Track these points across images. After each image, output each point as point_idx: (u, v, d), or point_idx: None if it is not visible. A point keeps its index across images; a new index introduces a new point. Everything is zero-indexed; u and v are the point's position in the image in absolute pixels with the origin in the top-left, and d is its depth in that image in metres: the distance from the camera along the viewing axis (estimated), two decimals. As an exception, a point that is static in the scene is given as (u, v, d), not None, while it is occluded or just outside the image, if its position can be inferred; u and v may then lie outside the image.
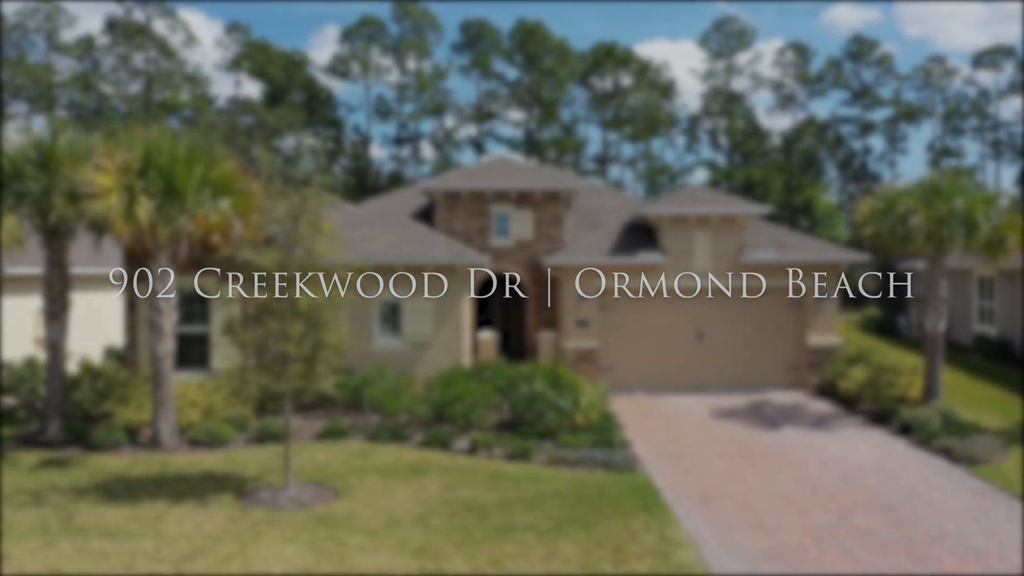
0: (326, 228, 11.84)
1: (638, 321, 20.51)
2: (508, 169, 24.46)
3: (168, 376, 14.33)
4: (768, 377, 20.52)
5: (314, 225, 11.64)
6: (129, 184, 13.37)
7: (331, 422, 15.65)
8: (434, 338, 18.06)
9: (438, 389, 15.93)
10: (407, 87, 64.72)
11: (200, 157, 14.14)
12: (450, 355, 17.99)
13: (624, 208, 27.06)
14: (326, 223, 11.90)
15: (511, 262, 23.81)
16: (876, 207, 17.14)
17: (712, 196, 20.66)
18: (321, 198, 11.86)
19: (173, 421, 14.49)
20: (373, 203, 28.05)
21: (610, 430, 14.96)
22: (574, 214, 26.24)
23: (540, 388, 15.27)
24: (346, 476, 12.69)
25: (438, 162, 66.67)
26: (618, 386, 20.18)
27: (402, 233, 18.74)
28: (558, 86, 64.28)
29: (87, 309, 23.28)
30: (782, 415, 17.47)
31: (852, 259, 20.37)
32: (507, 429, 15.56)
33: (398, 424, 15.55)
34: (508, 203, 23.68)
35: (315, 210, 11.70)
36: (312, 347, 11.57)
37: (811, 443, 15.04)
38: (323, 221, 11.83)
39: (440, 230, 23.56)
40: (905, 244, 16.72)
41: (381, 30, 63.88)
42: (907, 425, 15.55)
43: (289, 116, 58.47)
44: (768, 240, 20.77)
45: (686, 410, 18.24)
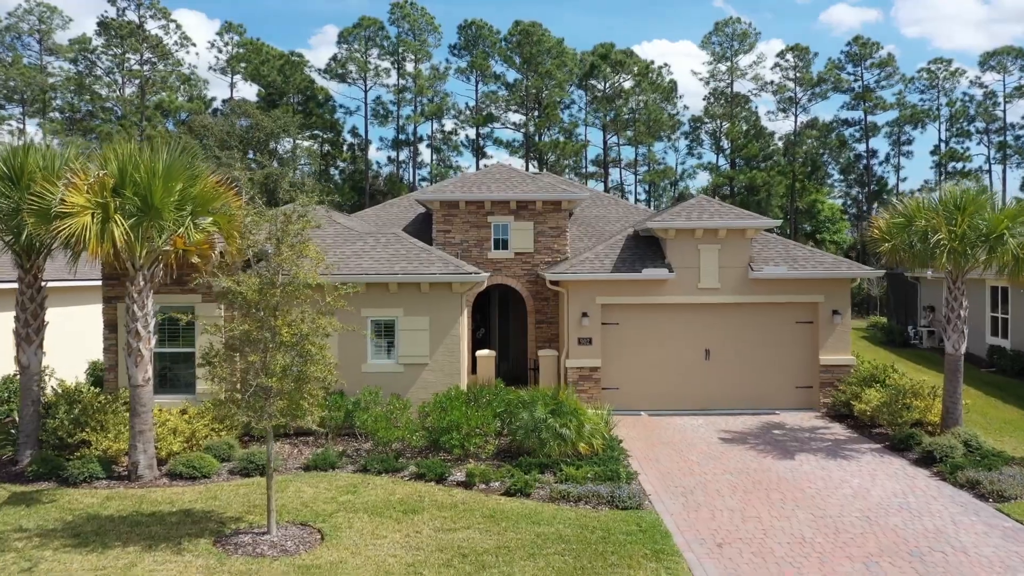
0: (311, 252, 11.01)
1: (643, 338, 19.69)
2: (508, 178, 23.64)
3: (147, 405, 13.49)
4: (778, 397, 19.70)
5: (298, 249, 10.80)
6: (103, 202, 12.55)
7: (320, 451, 14.82)
8: (430, 359, 17.22)
9: (433, 415, 15.11)
10: (405, 89, 63.88)
11: (180, 172, 13.30)
12: (446, 377, 17.16)
13: (627, 217, 26.25)
14: (311, 246, 11.07)
15: (511, 275, 23.01)
16: (894, 222, 16.31)
17: (719, 208, 19.85)
18: (306, 219, 11.02)
19: (152, 453, 13.65)
20: (369, 212, 27.24)
21: (615, 460, 14.14)
22: (576, 223, 25.42)
23: (541, 415, 14.44)
24: (334, 515, 11.86)
25: (436, 165, 65.91)
26: (622, 406, 19.37)
27: (396, 248, 17.91)
28: (557, 88, 63.45)
29: (73, 321, 22.46)
30: (795, 441, 16.64)
31: (865, 273, 19.55)
32: (506, 457, 14.75)
33: (391, 453, 14.72)
34: (507, 213, 22.89)
35: (299, 232, 10.86)
36: (296, 380, 10.73)
37: (828, 474, 14.20)
38: (308, 244, 10.99)
39: (437, 242, 22.79)
40: (925, 261, 15.90)
41: (379, 32, 63.05)
42: (928, 454, 14.73)
43: (286, 119, 57.64)
44: (778, 253, 19.95)
45: (694, 433, 17.42)
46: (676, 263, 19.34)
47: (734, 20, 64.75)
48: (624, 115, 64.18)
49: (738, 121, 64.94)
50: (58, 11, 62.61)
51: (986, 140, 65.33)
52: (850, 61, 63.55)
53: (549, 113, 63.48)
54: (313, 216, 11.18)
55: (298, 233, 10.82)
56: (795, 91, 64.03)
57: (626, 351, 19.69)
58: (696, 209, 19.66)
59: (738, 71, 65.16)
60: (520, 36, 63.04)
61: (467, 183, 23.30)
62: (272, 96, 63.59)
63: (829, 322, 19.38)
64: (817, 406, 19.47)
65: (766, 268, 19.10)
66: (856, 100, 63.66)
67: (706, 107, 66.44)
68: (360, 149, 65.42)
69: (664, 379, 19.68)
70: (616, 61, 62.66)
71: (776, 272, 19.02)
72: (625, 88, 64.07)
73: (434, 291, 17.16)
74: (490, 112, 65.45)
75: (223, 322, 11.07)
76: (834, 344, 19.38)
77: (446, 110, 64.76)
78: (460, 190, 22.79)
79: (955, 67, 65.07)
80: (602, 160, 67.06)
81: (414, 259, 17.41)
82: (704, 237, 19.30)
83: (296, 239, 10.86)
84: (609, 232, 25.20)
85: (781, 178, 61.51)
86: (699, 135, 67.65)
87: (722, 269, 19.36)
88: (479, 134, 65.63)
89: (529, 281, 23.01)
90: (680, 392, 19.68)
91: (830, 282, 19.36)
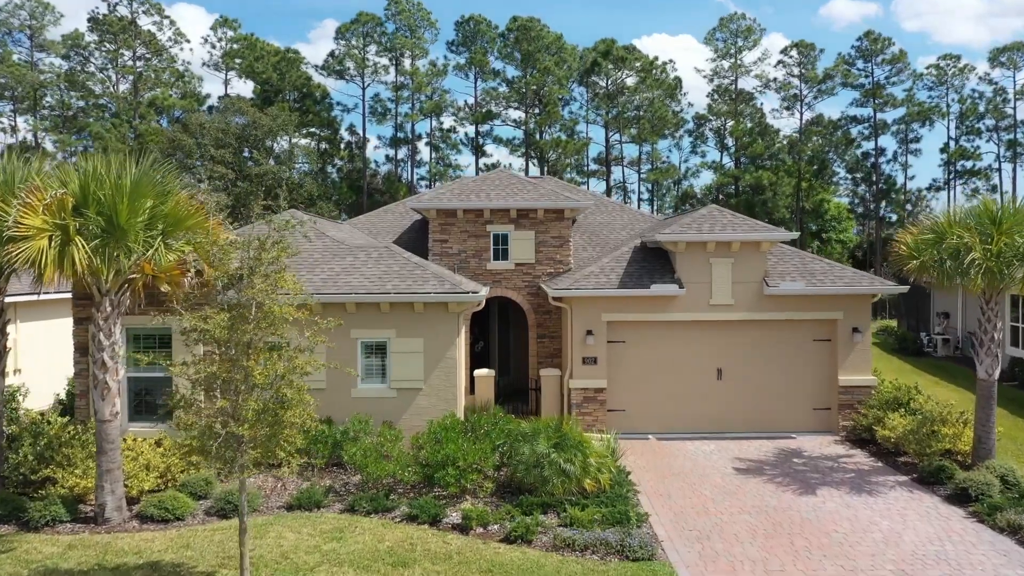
0: (288, 283, 9.87)
1: (651, 358, 18.57)
2: (508, 184, 22.52)
3: (115, 442, 12.39)
4: (795, 419, 18.59)
5: (273, 280, 9.67)
6: (63, 224, 11.42)
7: (305, 487, 13.72)
8: (424, 383, 16.11)
9: (428, 448, 13.99)
10: (403, 87, 62.63)
11: (149, 188, 12.19)
12: (442, 402, 16.05)
13: (633, 224, 25.14)
14: (288, 277, 9.93)
15: (511, 287, 21.90)
16: (922, 238, 15.18)
17: (732, 219, 18.70)
18: (282, 246, 9.89)
19: (120, 493, 12.55)
20: (363, 219, 26.13)
21: (624, 499, 13.03)
22: (579, 231, 24.31)
23: (543, 449, 13.34)
24: (316, 570, 10.76)
25: (435, 164, 64.72)
26: (629, 430, 18.29)
27: (389, 264, 16.78)
28: (557, 85, 62.20)
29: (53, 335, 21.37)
30: (816, 472, 15.52)
31: (888, 289, 18.43)
32: (506, 492, 13.67)
33: (381, 490, 13.61)
34: (508, 222, 21.78)
35: (275, 260, 9.73)
36: (271, 426, 9.61)
37: (855, 514, 13.09)
38: (284, 274, 9.86)
39: (434, 252, 21.70)
40: (956, 280, 14.77)
41: (377, 28, 61.76)
42: (962, 491, 13.61)
43: (283, 117, 56.40)
44: (794, 267, 18.82)
45: (706, 462, 16.32)
46: (686, 278, 18.21)
47: (738, 16, 63.51)
48: (627, 112, 62.92)
49: (743, 119, 63.71)
50: (50, 7, 61.38)
51: (995, 138, 64.07)
52: (860, 56, 62.21)
53: (550, 111, 62.25)
54: (291, 242, 10.03)
55: (273, 261, 9.69)
56: (800, 88, 62.71)
57: (633, 371, 18.58)
58: (707, 220, 18.52)
59: (742, 68, 63.91)
60: (518, 32, 61.77)
61: (465, 190, 22.17)
62: (268, 93, 62.35)
63: (848, 340, 18.26)
64: (836, 430, 18.37)
65: (783, 284, 17.97)
66: (866, 97, 62.31)
67: (710, 104, 65.19)
68: (358, 147, 64.24)
69: (673, 401, 18.58)
70: (618, 57, 61.38)
71: (793, 288, 17.89)
72: (628, 85, 62.78)
73: (429, 311, 16.05)
74: (489, 109, 64.21)
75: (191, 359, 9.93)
76: (854, 363, 18.26)
77: (445, 107, 63.54)
78: (458, 198, 21.67)
79: (964, 63, 63.81)
80: (604, 158, 65.86)
81: (407, 276, 16.28)
82: (716, 250, 18.17)
83: (272, 267, 9.73)
84: (614, 241, 24.08)
85: (788, 178, 60.25)
86: (703, 132, 66.44)
87: (735, 284, 18.23)
88: (478, 132, 64.43)
89: (530, 294, 21.90)
90: (690, 414, 18.58)
91: (849, 298, 18.23)
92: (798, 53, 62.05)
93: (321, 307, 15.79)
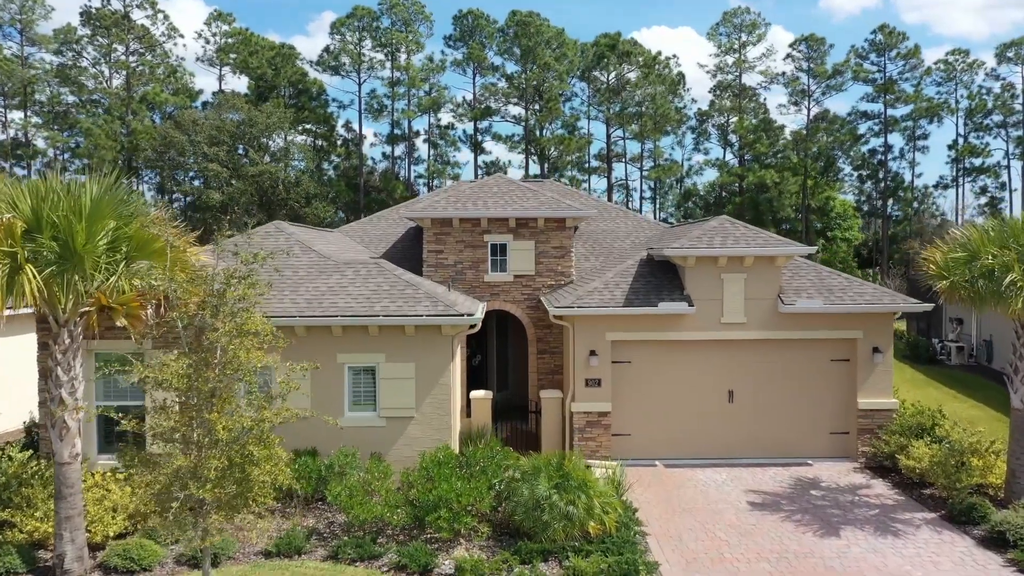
0: (256, 324, 8.77)
1: (659, 379, 17.49)
2: (506, 192, 21.39)
3: (75, 486, 11.29)
4: (810, 444, 17.52)
5: (239, 322, 8.57)
6: (12, 251, 10.32)
7: (286, 530, 12.66)
8: (416, 411, 15.02)
9: (419, 486, 12.92)
10: (398, 82, 61.37)
11: (110, 209, 11.07)
12: (435, 432, 14.96)
13: (638, 232, 24.02)
14: (256, 318, 8.82)
15: (510, 299, 20.81)
16: (953, 257, 14.06)
17: (744, 232, 17.57)
18: (250, 281, 8.79)
19: (82, 541, 11.46)
20: (355, 226, 25.00)
21: (631, 544, 11.96)
22: (581, 240, 23.20)
23: (544, 491, 12.26)
24: (291, 637, 9.69)
25: (434, 162, 63.52)
26: (635, 455, 17.23)
27: (378, 282, 15.67)
28: (558, 80, 60.94)
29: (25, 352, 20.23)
30: (837, 507, 14.43)
31: (911, 307, 17.33)
32: (503, 536, 12.62)
33: (368, 534, 12.54)
34: (506, 232, 20.67)
35: (242, 299, 8.63)
36: (237, 484, 8.54)
37: (883, 560, 12.01)
38: (252, 315, 8.75)
39: (428, 264, 20.59)
40: (991, 302, 13.68)
41: (373, 22, 60.43)
42: (999, 535, 12.54)
43: (278, 114, 55.17)
44: (810, 283, 17.71)
45: (718, 493, 15.24)
46: (696, 295, 17.10)
47: (742, 10, 62.21)
48: (629, 108, 61.66)
49: (746, 115, 62.46)
50: (40, 1, 60.06)
51: (1003, 135, 62.87)
52: (874, 50, 60.84)
53: (551, 107, 61.02)
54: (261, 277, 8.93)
55: (241, 299, 8.58)
56: (808, 83, 61.37)
57: (639, 393, 17.50)
58: (719, 233, 17.39)
59: (746, 63, 62.63)
60: (517, 27, 60.46)
61: (461, 198, 21.04)
62: (262, 89, 61.13)
63: (868, 361, 17.17)
64: (854, 455, 17.29)
65: (799, 301, 16.86)
66: (878, 92, 60.98)
67: (712, 101, 63.96)
68: (354, 144, 63.01)
69: (682, 424, 17.50)
70: (624, 52, 60.08)
71: (811, 306, 16.79)
72: (630, 80, 61.51)
73: (421, 334, 14.94)
74: (488, 105, 62.97)
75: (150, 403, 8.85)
76: (874, 386, 17.17)
77: (443, 103, 62.28)
78: (453, 206, 20.55)
79: (973, 58, 62.52)
80: (605, 155, 64.67)
81: (398, 296, 15.16)
82: (728, 266, 17.06)
83: (239, 306, 8.63)
84: (618, 249, 22.96)
85: (793, 176, 58.96)
86: (705, 129, 65.20)
87: (748, 301, 17.13)
88: (477, 128, 63.21)
89: (530, 307, 20.80)
90: (700, 438, 17.50)
91: (870, 316, 17.13)
92: (807, 47, 60.68)
93: (305, 331, 14.73)
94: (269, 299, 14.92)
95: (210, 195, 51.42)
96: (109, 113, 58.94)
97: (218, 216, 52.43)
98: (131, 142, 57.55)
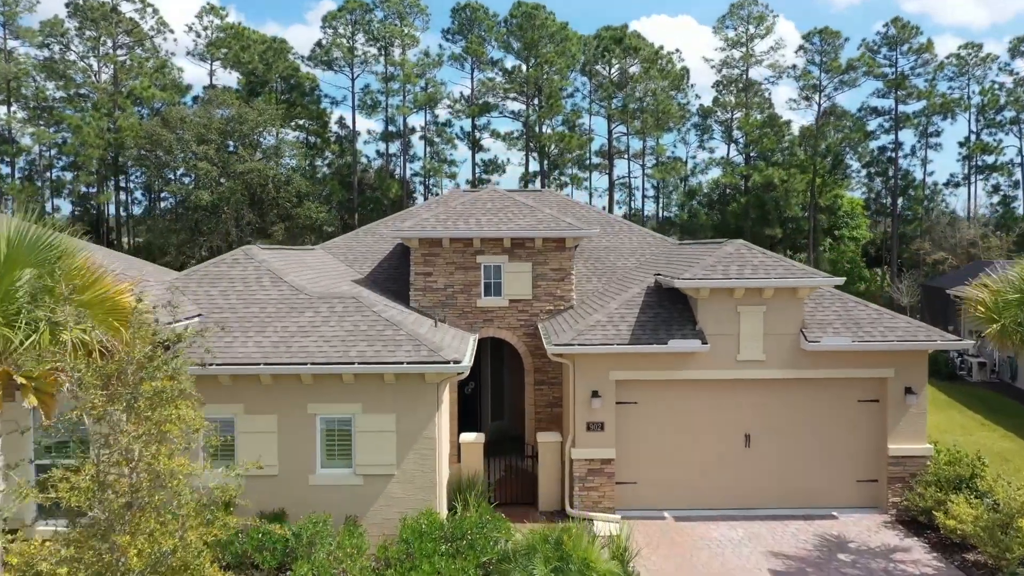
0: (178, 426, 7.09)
1: (668, 422, 15.84)
2: (501, 208, 19.69)
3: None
4: (836, 494, 15.88)
5: (158, 420, 6.90)
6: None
7: (243, 618, 11.05)
8: (396, 468, 13.37)
9: (397, 566, 11.30)
10: (393, 77, 59.48)
11: (28, 254, 9.36)
12: (418, 492, 13.32)
13: (643, 249, 22.34)
14: (185, 409, 7.15)
15: (505, 326, 19.15)
16: (1004, 298, 12.37)
17: (763, 260, 15.86)
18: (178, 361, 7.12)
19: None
20: (340, 242, 23.30)
21: (640, 638, 10.35)
22: (583, 258, 21.53)
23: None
24: None
25: (430, 160, 61.70)
26: (642, 506, 15.65)
27: (355, 321, 13.98)
28: (559, 75, 59.05)
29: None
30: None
31: (950, 345, 15.66)
32: (493, 623, 11.01)
33: (338, 624, 10.94)
34: (501, 252, 19.01)
35: (160, 392, 6.96)
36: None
37: (931, 660, 10.39)
38: (178, 407, 7.09)
39: (416, 287, 18.95)
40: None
41: (366, 15, 58.46)
42: (1063, 624, 10.92)
43: (269, 111, 53.32)
44: (835, 315, 16.02)
45: (736, 557, 13.61)
46: (710, 329, 15.43)
47: (750, 1, 60.18)
48: (631, 104, 59.76)
49: (752, 111, 60.57)
50: (24, -7, 58.11)
51: (1017, 131, 60.98)
52: (885, 44, 58.85)
53: (552, 103, 59.16)
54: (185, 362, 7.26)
55: (157, 395, 6.91)
56: (820, 78, 59.34)
57: (646, 436, 15.86)
58: (735, 261, 15.68)
59: (753, 57, 60.69)
60: (521, 19, 58.48)
61: (451, 215, 19.35)
62: (253, 84, 59.25)
63: (901, 402, 15.52)
64: (884, 506, 15.65)
65: (824, 338, 15.18)
66: (889, 87, 59.04)
67: (716, 96, 62.07)
68: (348, 141, 61.16)
69: (694, 471, 15.86)
70: (629, 46, 58.14)
71: (837, 344, 15.11)
72: (633, 75, 59.58)
73: (402, 382, 13.28)
74: (487, 101, 61.08)
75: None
76: (907, 430, 15.52)
77: (439, 99, 60.37)
78: (443, 224, 18.86)
79: (986, 52, 60.57)
80: (607, 151, 62.84)
81: (376, 338, 13.48)
82: (745, 298, 15.38)
83: (157, 401, 6.96)
84: (622, 269, 21.28)
85: (801, 174, 57.08)
86: (709, 125, 63.32)
87: (767, 337, 15.45)
88: (475, 125, 61.33)
89: (527, 334, 19.14)
90: (713, 487, 15.86)
91: (902, 353, 15.47)
92: (820, 40, 58.64)
93: (272, 378, 13.08)
94: (231, 342, 13.30)
95: (199, 195, 49.71)
96: (96, 109, 57.14)
97: (208, 216, 50.81)
98: (117, 139, 55.78)
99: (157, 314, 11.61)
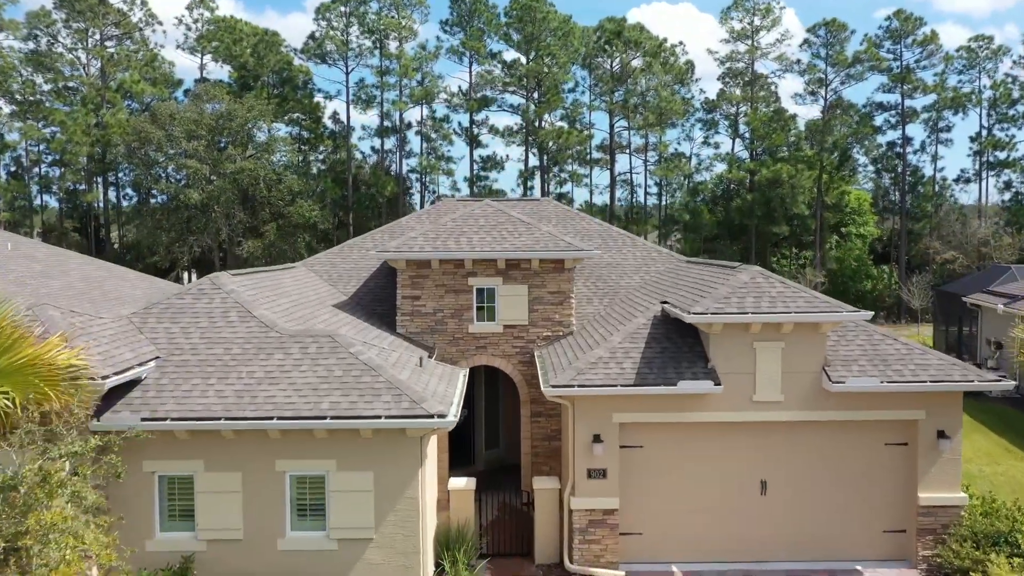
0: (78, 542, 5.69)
1: (676, 467, 14.47)
2: (495, 225, 18.27)
3: None
4: (860, 545, 14.53)
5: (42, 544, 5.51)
6: None
7: None
8: (375, 532, 12.01)
9: (371, 656, 9.96)
10: (388, 71, 57.85)
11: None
12: (399, 558, 11.96)
13: (648, 265, 20.92)
14: (91, 536, 5.75)
15: (499, 353, 17.79)
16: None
17: (782, 291, 14.41)
18: (78, 480, 5.73)
19: None
20: (323, 258, 21.86)
21: None
22: (583, 276, 20.13)
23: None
24: None
25: (427, 156, 60.14)
26: (647, 558, 14.35)
27: (329, 365, 12.56)
28: (560, 68, 57.40)
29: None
30: (905, 658, 11.45)
31: (988, 386, 14.29)
32: None
33: None
34: (495, 274, 17.64)
35: (53, 526, 5.55)
36: None
37: None
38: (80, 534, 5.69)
39: (403, 312, 17.60)
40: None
41: (361, 5, 56.77)
42: None
43: (260, 106, 51.74)
44: (859, 349, 14.60)
45: (752, 627, 12.28)
46: (723, 367, 14.03)
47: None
48: (633, 98, 58.12)
49: (758, 105, 58.95)
50: (8, -16, 56.49)
51: (1030, 125, 59.39)
52: (889, 37, 57.19)
53: (551, 99, 57.56)
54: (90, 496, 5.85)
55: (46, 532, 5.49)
56: (826, 72, 57.68)
57: (652, 483, 14.48)
58: (751, 293, 14.24)
59: (759, 49, 59.00)
60: (521, 11, 56.79)
61: (441, 233, 17.93)
62: (245, 78, 57.64)
63: (932, 447, 14.14)
64: (913, 559, 14.29)
65: (850, 379, 13.76)
66: (894, 82, 57.43)
67: (722, 90, 60.43)
68: (342, 137, 59.61)
69: (704, 521, 14.49)
70: (631, 40, 56.47)
71: (865, 385, 13.70)
72: (635, 68, 57.90)
73: (381, 437, 11.89)
74: (485, 95, 59.47)
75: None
76: (939, 477, 14.15)
77: (436, 94, 58.72)
78: (432, 244, 17.46)
79: (997, 45, 58.88)
80: (608, 146, 61.27)
81: (353, 386, 12.08)
82: (762, 333, 13.96)
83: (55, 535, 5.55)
84: (625, 288, 19.86)
85: (808, 171, 55.50)
86: (713, 119, 61.70)
87: (786, 375, 14.05)
88: (473, 120, 59.74)
89: (523, 362, 17.77)
90: (726, 538, 14.50)
91: (934, 394, 14.08)
92: (826, 32, 56.94)
93: (235, 434, 11.70)
94: (190, 390, 11.92)
95: (189, 194, 48.27)
96: (84, 104, 55.56)
97: (198, 214, 49.36)
98: (105, 136, 54.25)
99: (94, 371, 10.21)
